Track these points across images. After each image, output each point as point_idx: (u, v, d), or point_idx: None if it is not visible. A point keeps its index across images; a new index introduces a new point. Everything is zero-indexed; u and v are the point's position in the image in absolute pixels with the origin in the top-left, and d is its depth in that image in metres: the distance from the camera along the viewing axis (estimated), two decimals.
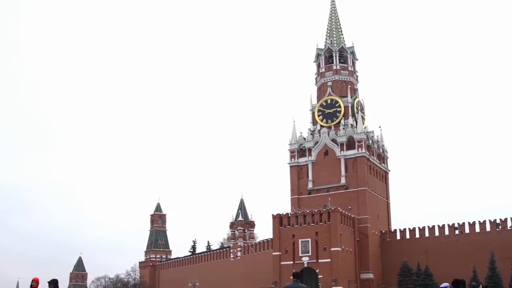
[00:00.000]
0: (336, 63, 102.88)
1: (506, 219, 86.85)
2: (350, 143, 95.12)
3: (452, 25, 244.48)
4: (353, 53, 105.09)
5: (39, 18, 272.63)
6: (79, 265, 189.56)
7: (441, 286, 18.24)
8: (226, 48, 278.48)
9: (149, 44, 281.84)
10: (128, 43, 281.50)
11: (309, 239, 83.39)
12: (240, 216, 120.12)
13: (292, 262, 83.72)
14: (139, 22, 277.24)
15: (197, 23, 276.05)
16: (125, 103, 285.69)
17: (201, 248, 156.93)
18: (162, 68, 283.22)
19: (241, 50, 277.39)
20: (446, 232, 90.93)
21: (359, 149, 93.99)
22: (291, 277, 16.14)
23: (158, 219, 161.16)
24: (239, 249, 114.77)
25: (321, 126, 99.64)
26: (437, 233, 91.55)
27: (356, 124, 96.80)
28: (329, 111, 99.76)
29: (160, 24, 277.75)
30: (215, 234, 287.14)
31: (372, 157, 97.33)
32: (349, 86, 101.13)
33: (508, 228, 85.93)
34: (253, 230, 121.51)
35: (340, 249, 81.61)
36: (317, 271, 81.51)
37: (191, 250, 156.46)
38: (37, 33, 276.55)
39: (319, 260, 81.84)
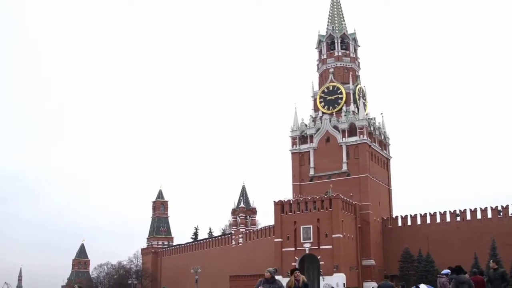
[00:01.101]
0: (337, 49, 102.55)
1: (507, 206, 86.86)
2: (352, 130, 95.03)
3: (455, 12, 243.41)
4: (355, 39, 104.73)
5: (50, 15, 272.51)
6: (82, 252, 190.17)
7: (442, 272, 18.28)
8: (227, 36, 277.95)
9: (151, 36, 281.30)
10: (131, 38, 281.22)
11: (311, 226, 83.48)
12: (242, 202, 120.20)
13: (293, 249, 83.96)
14: (141, 18, 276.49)
15: (198, 11, 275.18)
16: (128, 92, 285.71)
17: (203, 234, 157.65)
18: (164, 57, 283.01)
19: (243, 37, 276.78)
20: (448, 219, 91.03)
21: (361, 135, 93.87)
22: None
23: (160, 206, 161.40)
24: (240, 235, 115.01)
25: (323, 112, 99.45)
26: (438, 220, 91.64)
27: (358, 111, 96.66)
28: (330, 97, 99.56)
29: (163, 12, 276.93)
30: (217, 221, 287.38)
31: (374, 143, 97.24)
32: (350, 72, 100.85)
33: (510, 215, 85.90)
34: (254, 217, 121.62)
35: (341, 235, 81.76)
36: (318, 257, 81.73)
37: (193, 237, 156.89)
38: (50, 29, 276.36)
39: (321, 247, 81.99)
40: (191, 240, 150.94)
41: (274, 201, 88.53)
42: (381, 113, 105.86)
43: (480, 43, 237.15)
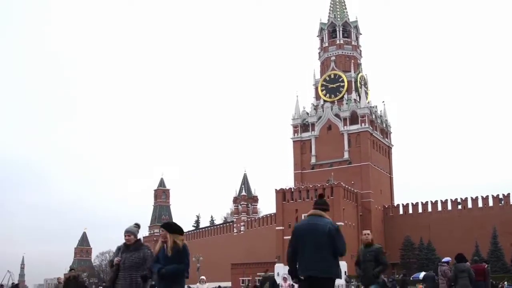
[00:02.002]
0: (339, 37, 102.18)
1: (508, 194, 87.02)
2: (353, 118, 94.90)
3: (456, 0, 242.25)
4: (356, 27, 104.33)
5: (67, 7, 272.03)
6: (84, 240, 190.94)
7: (442, 260, 18.28)
8: (229, 24, 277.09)
9: (154, 28, 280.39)
10: (138, 31, 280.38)
11: None
12: (244, 191, 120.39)
13: None
14: (144, 12, 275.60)
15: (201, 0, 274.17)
16: (130, 81, 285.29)
17: (204, 223, 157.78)
18: (168, 45, 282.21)
19: (245, 26, 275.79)
20: (449, 207, 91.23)
21: (362, 124, 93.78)
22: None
23: (161, 194, 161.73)
24: (242, 223, 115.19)
25: (325, 101, 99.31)
26: (439, 208, 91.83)
27: (360, 99, 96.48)
28: (332, 86, 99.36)
29: (163, 5, 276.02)
30: (219, 209, 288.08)
31: (375, 132, 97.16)
32: (352, 60, 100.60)
33: (511, 203, 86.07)
34: (256, 205, 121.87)
35: (343, 223, 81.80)
36: None
37: (195, 225, 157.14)
38: (66, 16, 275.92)
39: None
40: (193, 228, 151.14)
41: (276, 189, 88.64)
42: (383, 101, 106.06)
43: (482, 31, 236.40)
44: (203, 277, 20.20)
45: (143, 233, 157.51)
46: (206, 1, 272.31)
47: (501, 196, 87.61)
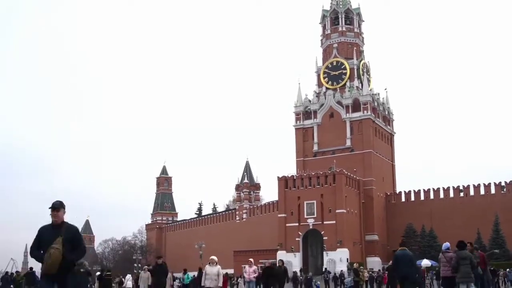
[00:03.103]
0: (341, 24, 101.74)
1: (511, 181, 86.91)
2: (356, 105, 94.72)
3: None
4: (359, 14, 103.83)
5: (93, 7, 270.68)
6: (87, 228, 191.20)
7: (443, 246, 18.27)
8: (231, 11, 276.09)
9: (156, 16, 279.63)
10: (138, 23, 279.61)
11: (314, 201, 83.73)
12: (246, 178, 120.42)
13: (297, 224, 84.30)
14: (147, 6, 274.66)
15: None
16: (133, 70, 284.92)
17: (207, 210, 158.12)
18: (170, 35, 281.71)
19: (247, 11, 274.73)
20: (451, 195, 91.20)
21: (365, 111, 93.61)
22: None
23: (164, 181, 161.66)
24: (244, 211, 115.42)
25: (327, 88, 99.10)
26: (442, 196, 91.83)
27: (362, 86, 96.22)
28: (334, 73, 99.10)
29: None
30: (221, 196, 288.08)
31: (378, 119, 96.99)
32: (354, 48, 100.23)
33: None
34: (258, 192, 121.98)
35: (345, 211, 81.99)
36: (322, 233, 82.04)
37: (197, 213, 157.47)
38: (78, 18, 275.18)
39: (324, 222, 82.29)
40: (195, 215, 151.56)
41: (278, 177, 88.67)
42: (385, 89, 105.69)
43: (485, 21, 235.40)
44: (213, 257, 17.84)
45: (146, 221, 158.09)
46: None
47: (503, 184, 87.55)
